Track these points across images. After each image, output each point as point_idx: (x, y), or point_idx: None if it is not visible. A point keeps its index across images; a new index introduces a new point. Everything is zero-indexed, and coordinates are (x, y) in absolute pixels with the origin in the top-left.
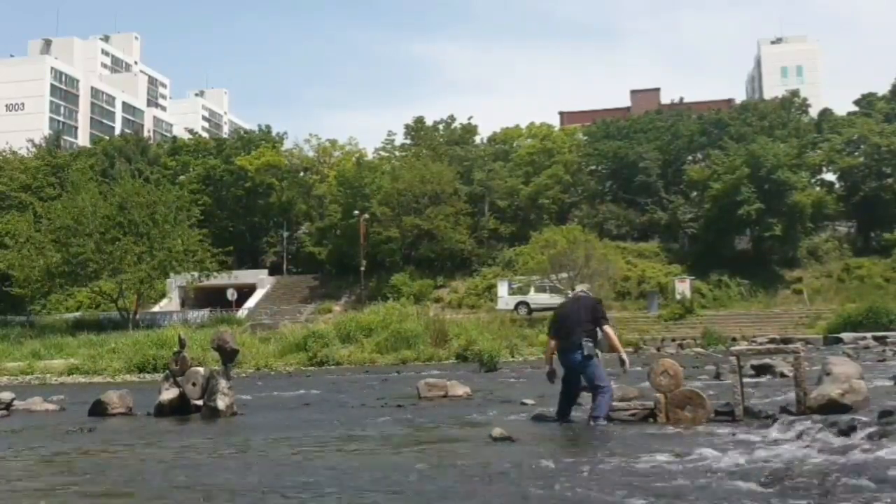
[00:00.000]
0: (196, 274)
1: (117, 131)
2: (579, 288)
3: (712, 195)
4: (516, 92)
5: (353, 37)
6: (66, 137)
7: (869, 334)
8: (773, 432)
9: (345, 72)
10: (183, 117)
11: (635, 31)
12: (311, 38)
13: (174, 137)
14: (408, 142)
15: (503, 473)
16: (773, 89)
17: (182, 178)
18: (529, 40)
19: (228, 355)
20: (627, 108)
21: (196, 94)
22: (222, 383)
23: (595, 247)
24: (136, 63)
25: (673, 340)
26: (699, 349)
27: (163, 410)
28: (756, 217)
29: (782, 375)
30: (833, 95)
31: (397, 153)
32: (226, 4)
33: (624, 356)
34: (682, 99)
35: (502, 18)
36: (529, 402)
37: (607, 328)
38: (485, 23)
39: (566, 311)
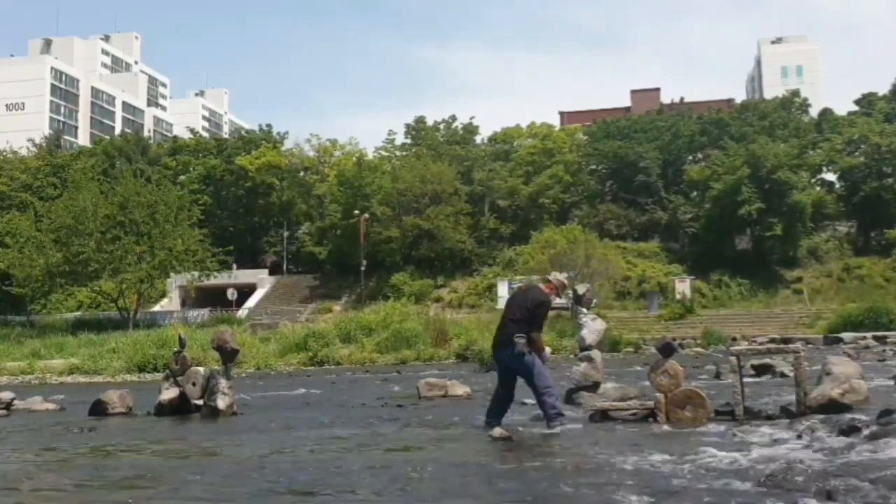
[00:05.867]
0: (196, 274)
1: (117, 131)
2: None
3: (713, 195)
4: (519, 94)
5: (357, 39)
6: (66, 137)
7: (869, 334)
8: (773, 432)
9: (348, 74)
10: (183, 117)
11: (637, 32)
12: (313, 39)
13: (174, 137)
14: (408, 141)
15: (503, 473)
16: (774, 89)
17: (182, 177)
18: (532, 44)
19: (228, 355)
20: (628, 108)
21: (196, 94)
22: (222, 383)
23: (595, 247)
24: (136, 63)
25: (673, 340)
26: (699, 349)
27: (163, 410)
28: (756, 217)
29: (782, 375)
30: (833, 95)
31: (398, 153)
32: (226, 4)
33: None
34: (682, 99)
35: (512, 24)
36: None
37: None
38: (494, 28)
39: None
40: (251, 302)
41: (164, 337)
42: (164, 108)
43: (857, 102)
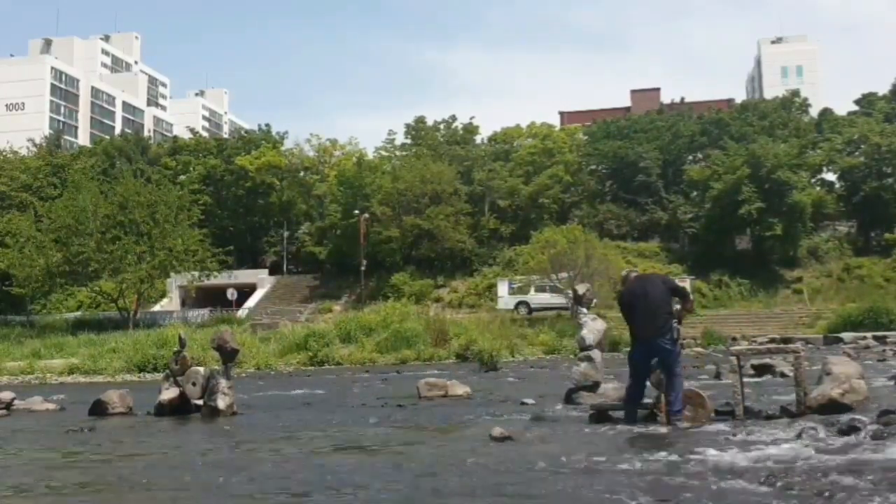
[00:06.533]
0: (196, 273)
1: (117, 131)
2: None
3: (713, 195)
4: (519, 94)
5: (357, 39)
6: (66, 137)
7: (869, 334)
8: (774, 432)
9: (348, 74)
10: (183, 117)
11: (637, 33)
12: (313, 39)
13: (174, 137)
14: (408, 141)
15: (502, 473)
16: (774, 89)
17: (183, 177)
18: (532, 44)
19: (228, 355)
20: (628, 108)
21: (196, 94)
22: (222, 383)
23: (595, 247)
24: (136, 63)
25: None
26: (699, 349)
27: (163, 410)
28: (756, 217)
29: (782, 375)
30: (833, 95)
31: (398, 153)
32: (226, 4)
33: None
34: (682, 99)
35: (512, 24)
36: (529, 401)
37: None
38: (494, 28)
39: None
40: (251, 302)
41: (164, 337)
42: (164, 108)
43: (857, 102)
